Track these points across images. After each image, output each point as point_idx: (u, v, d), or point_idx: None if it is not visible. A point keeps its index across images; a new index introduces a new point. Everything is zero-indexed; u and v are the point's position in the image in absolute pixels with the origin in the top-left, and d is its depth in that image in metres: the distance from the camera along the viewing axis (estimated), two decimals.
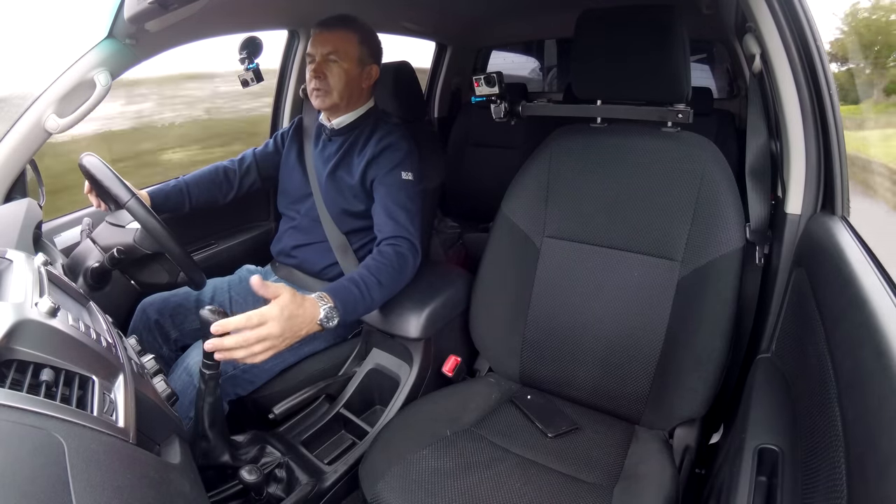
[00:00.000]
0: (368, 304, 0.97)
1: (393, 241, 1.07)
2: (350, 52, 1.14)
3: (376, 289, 0.97)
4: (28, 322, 0.48)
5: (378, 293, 0.98)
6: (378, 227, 1.11)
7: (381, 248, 1.06)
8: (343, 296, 0.92)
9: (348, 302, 0.93)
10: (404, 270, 1.04)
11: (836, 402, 0.53)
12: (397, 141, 1.17)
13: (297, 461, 1.01)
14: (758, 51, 0.91)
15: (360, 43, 1.16)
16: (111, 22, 0.96)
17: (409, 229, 1.09)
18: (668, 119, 1.04)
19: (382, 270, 1.00)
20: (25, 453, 0.38)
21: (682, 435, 1.01)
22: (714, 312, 0.96)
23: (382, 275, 0.99)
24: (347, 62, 1.14)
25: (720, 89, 2.44)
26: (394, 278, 1.02)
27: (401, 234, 1.08)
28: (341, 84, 1.15)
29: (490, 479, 0.85)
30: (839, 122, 0.85)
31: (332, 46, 1.13)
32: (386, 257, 1.03)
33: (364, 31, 1.18)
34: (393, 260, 1.03)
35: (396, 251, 1.05)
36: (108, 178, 0.93)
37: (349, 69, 1.15)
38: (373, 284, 0.97)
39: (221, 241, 1.53)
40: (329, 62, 1.14)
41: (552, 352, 1.11)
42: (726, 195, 0.98)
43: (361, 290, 0.95)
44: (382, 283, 0.99)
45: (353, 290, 0.95)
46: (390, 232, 1.08)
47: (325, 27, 1.15)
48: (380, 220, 1.11)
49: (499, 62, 2.72)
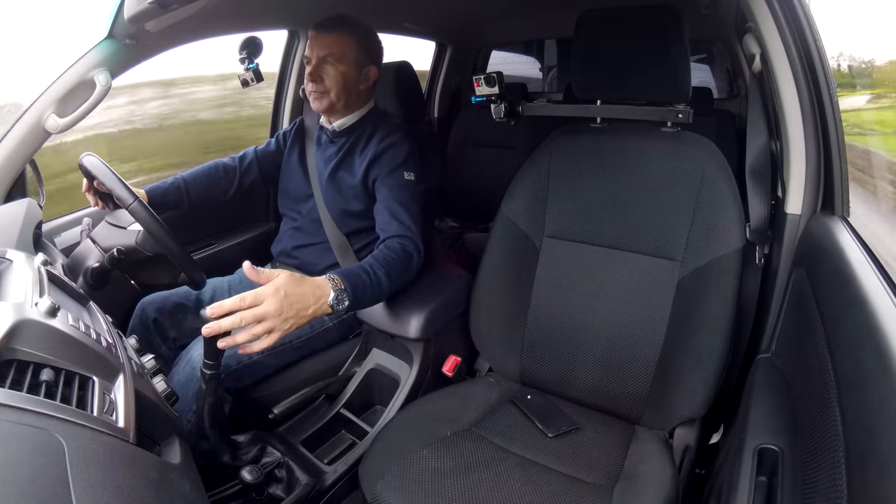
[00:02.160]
0: (376, 294, 0.97)
1: (399, 239, 1.07)
2: (347, 55, 1.13)
3: (385, 279, 0.97)
4: (28, 322, 0.48)
5: (386, 284, 0.98)
6: (381, 226, 1.11)
7: (387, 244, 1.06)
8: (353, 280, 0.91)
9: (358, 287, 0.91)
10: (409, 267, 1.05)
11: (836, 402, 0.53)
12: (399, 141, 1.17)
13: (297, 461, 1.01)
14: (758, 51, 0.91)
15: (358, 45, 1.15)
16: (111, 22, 0.96)
17: (412, 229, 1.09)
18: (667, 119, 1.04)
19: (391, 263, 1.00)
20: (25, 453, 0.38)
21: (682, 435, 1.01)
22: (714, 312, 0.96)
23: (391, 267, 0.99)
24: (344, 65, 1.13)
25: (720, 89, 2.44)
26: (400, 273, 1.02)
27: (405, 233, 1.08)
28: (338, 87, 1.14)
29: (490, 479, 0.85)
30: (839, 122, 0.85)
31: (329, 49, 1.12)
32: (393, 251, 1.03)
33: (362, 32, 1.17)
34: (400, 254, 1.03)
35: (403, 247, 1.05)
36: (110, 179, 0.93)
37: (346, 72, 1.14)
38: (382, 274, 0.97)
39: (221, 240, 1.54)
40: (326, 65, 1.13)
41: (552, 352, 1.11)
42: (726, 195, 0.98)
43: (371, 278, 0.94)
44: (391, 275, 0.99)
45: (363, 276, 0.94)
46: (395, 231, 1.08)
47: (321, 29, 1.14)
48: (383, 219, 1.11)
49: (499, 62, 2.72)
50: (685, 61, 0.99)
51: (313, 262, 1.25)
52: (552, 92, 2.79)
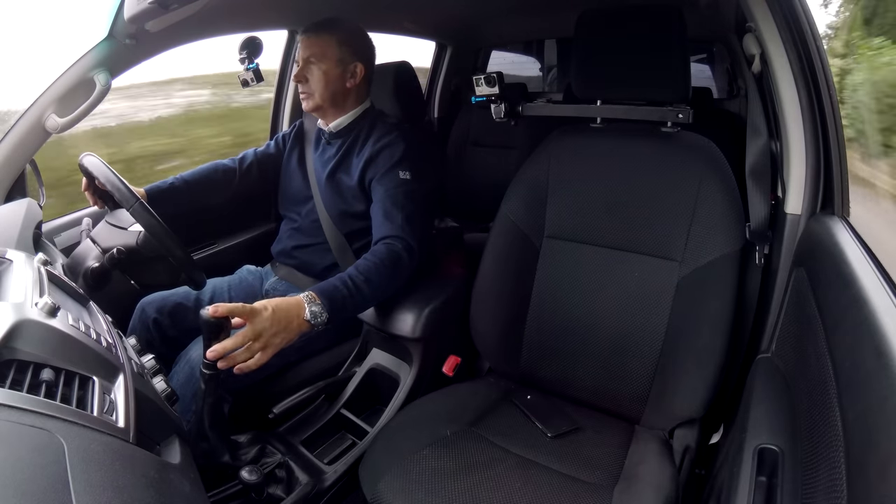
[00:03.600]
0: (358, 303, 0.97)
1: (387, 241, 1.07)
2: (328, 54, 1.16)
3: (365, 287, 0.97)
4: (28, 322, 0.48)
5: (368, 291, 0.98)
6: (374, 228, 1.11)
7: (374, 248, 1.07)
8: (330, 293, 0.93)
9: (336, 300, 0.92)
10: (397, 269, 1.04)
11: (836, 402, 0.53)
12: (394, 141, 1.17)
13: (297, 461, 1.01)
14: (758, 51, 0.91)
15: (340, 44, 1.17)
16: (111, 22, 0.96)
17: (404, 228, 1.08)
18: (667, 119, 1.04)
19: (372, 269, 1.00)
20: (25, 453, 0.38)
21: (682, 435, 1.01)
22: (714, 312, 0.96)
23: (372, 273, 0.99)
24: (325, 63, 1.16)
25: (720, 89, 2.43)
26: (385, 276, 1.01)
27: (395, 233, 1.08)
28: (321, 85, 1.17)
29: (490, 479, 0.85)
30: (839, 121, 0.85)
31: (311, 51, 1.16)
32: (377, 256, 1.03)
33: (345, 31, 1.18)
34: (384, 258, 1.03)
35: (389, 249, 1.04)
36: (110, 179, 0.93)
37: (328, 70, 1.16)
38: (361, 283, 0.97)
39: (221, 241, 1.54)
40: (310, 65, 1.16)
41: (552, 351, 1.11)
42: (726, 195, 0.98)
43: (349, 288, 0.95)
44: (372, 280, 0.98)
45: (341, 288, 0.95)
46: (385, 232, 1.08)
47: (307, 33, 1.18)
48: (376, 221, 1.11)
49: (499, 62, 2.72)
50: (685, 61, 0.99)
51: (312, 262, 1.25)
52: (552, 92, 2.79)
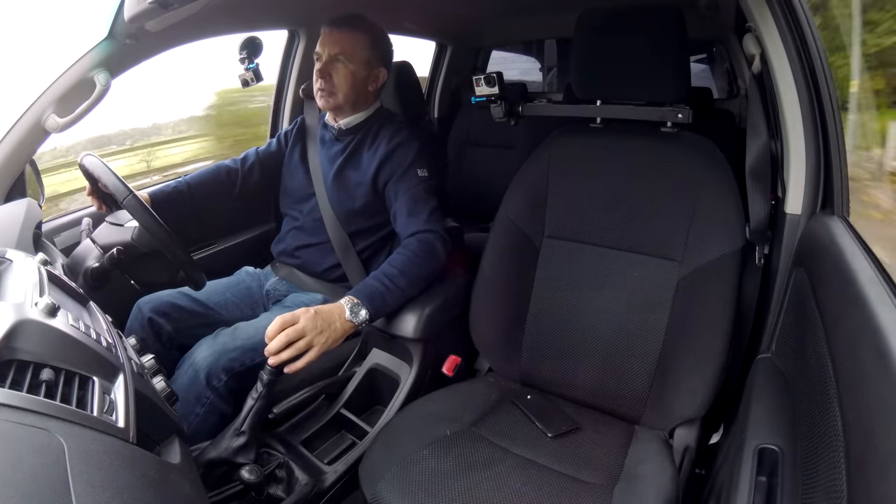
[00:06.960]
0: (396, 295, 1.02)
1: (418, 235, 1.09)
2: (358, 54, 1.13)
3: (402, 279, 1.01)
4: (28, 322, 0.48)
5: (405, 283, 1.02)
6: (400, 226, 1.13)
7: (404, 243, 1.10)
8: (366, 291, 0.98)
9: (374, 296, 0.98)
10: (432, 259, 1.07)
11: (836, 402, 0.53)
12: (408, 139, 1.17)
13: (297, 461, 1.01)
14: (758, 51, 0.91)
15: (371, 45, 1.14)
16: (111, 22, 0.96)
17: (431, 221, 1.11)
18: (667, 119, 1.04)
19: (406, 262, 1.03)
20: (25, 453, 0.38)
21: (682, 435, 1.00)
22: (714, 312, 0.96)
23: (407, 265, 1.03)
24: (354, 64, 1.13)
25: (720, 89, 2.43)
26: (420, 267, 1.05)
27: (424, 227, 1.10)
28: (346, 86, 1.14)
29: (490, 479, 0.85)
30: (839, 121, 0.85)
31: (341, 47, 1.12)
32: (409, 249, 1.06)
33: (375, 33, 1.16)
34: (417, 250, 1.06)
35: (421, 241, 1.07)
36: (108, 177, 0.93)
37: (356, 71, 1.13)
38: (396, 276, 1.01)
39: (222, 240, 1.53)
40: (336, 62, 1.12)
41: (552, 351, 1.11)
42: (726, 195, 0.98)
43: (385, 283, 1.00)
44: (408, 272, 1.02)
45: (376, 284, 0.99)
46: (414, 227, 1.10)
47: (334, 26, 1.12)
48: (401, 219, 1.13)
49: (499, 62, 2.72)
50: (685, 61, 0.99)
51: (315, 261, 1.24)
52: (552, 92, 2.79)
